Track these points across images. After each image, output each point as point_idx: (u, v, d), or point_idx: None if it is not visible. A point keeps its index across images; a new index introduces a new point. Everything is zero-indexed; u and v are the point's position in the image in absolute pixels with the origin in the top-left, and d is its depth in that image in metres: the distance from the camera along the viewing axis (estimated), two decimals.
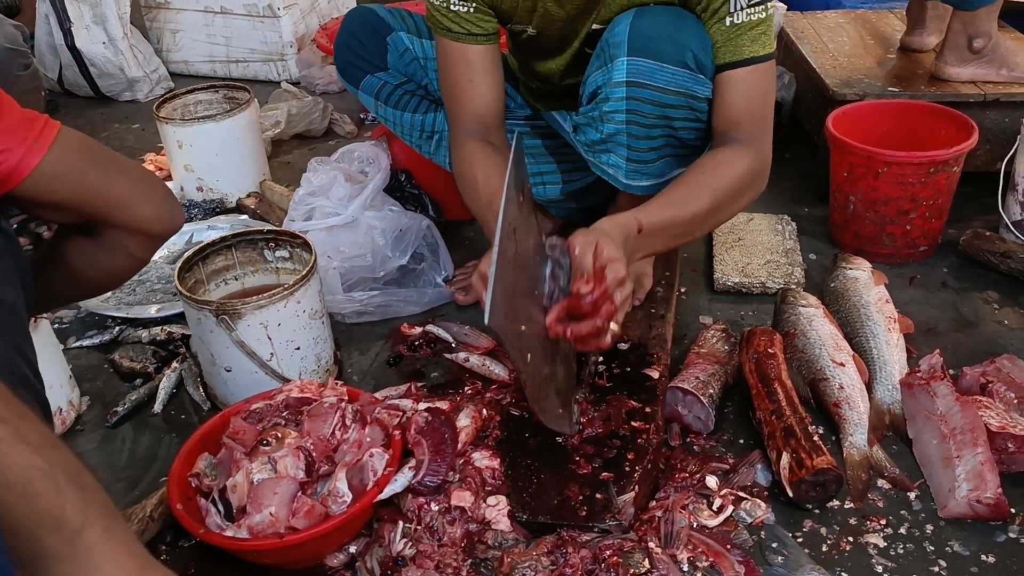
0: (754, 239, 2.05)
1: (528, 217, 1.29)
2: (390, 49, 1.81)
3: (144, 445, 1.64)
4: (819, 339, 1.62)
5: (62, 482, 0.78)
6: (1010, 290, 1.91)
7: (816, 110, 2.33)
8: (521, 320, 1.19)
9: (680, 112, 1.46)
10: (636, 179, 1.57)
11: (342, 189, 1.93)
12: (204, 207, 2.38)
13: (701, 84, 1.43)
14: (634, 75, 1.43)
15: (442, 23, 1.54)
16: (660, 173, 1.56)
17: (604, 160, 1.57)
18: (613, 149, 1.53)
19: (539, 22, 1.55)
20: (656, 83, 1.42)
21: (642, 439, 1.42)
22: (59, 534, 0.76)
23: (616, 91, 1.45)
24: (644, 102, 1.45)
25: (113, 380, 1.81)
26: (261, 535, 1.25)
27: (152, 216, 1.22)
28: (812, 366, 1.59)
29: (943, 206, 1.99)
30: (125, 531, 0.83)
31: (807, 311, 1.69)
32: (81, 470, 0.81)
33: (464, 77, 1.58)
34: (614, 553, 1.25)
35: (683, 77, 1.42)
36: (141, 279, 2.09)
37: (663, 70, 1.41)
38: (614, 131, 1.50)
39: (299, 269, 1.73)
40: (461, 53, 1.56)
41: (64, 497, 0.77)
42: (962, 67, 2.20)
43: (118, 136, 3.03)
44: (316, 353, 1.67)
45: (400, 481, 1.33)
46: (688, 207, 1.41)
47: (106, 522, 0.80)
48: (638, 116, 1.47)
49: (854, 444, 1.48)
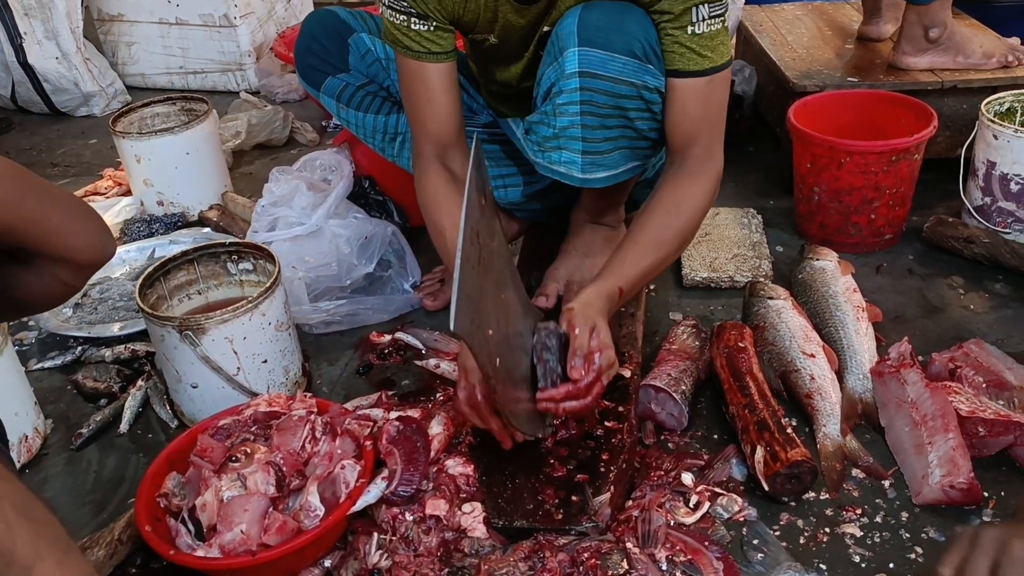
0: (721, 233, 2.06)
1: (491, 220, 1.27)
2: (351, 50, 1.79)
3: (111, 467, 1.60)
4: (789, 331, 1.63)
5: (11, 516, 0.75)
6: (974, 275, 1.93)
7: (777, 102, 2.34)
8: (489, 324, 1.18)
9: (633, 103, 1.45)
10: (592, 171, 1.55)
11: (305, 198, 1.91)
12: (165, 221, 2.34)
13: (651, 75, 1.43)
14: (586, 65, 1.42)
15: (401, 41, 1.52)
16: (615, 165, 1.55)
17: (555, 159, 1.55)
18: (565, 145, 1.52)
19: (500, 32, 1.54)
20: (608, 73, 1.42)
21: (616, 439, 1.42)
22: (10, 571, 0.74)
23: (569, 82, 1.44)
24: (597, 92, 1.44)
25: (77, 401, 1.77)
26: (233, 553, 1.23)
27: (85, 246, 1.19)
28: (783, 358, 1.60)
29: (906, 194, 2.00)
30: (79, 565, 0.80)
31: (776, 303, 1.69)
32: (32, 502, 0.79)
33: (423, 97, 1.57)
34: (592, 555, 1.24)
35: (633, 67, 1.42)
36: (103, 297, 2.05)
37: (614, 60, 1.41)
38: (567, 124, 1.49)
39: (263, 281, 1.70)
40: (419, 72, 1.55)
41: (14, 532, 0.75)
42: (919, 56, 2.22)
43: (74, 152, 2.98)
44: (284, 366, 1.64)
45: (373, 492, 1.31)
46: (660, 252, 1.48)
47: (58, 556, 0.78)
48: (592, 107, 1.46)
49: (827, 435, 1.48)
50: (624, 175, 1.57)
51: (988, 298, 1.86)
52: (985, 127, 1.96)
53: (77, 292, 1.33)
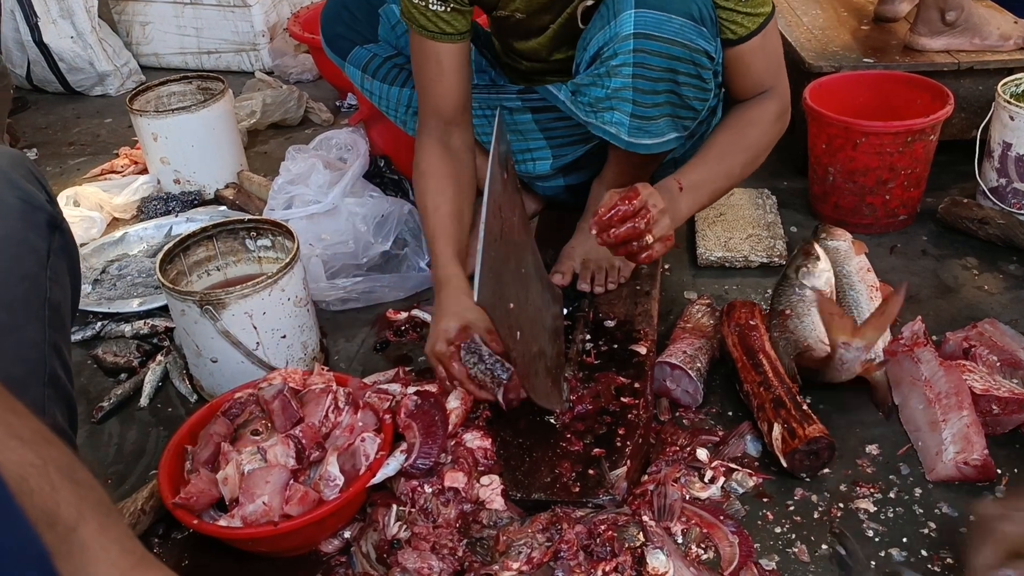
0: (735, 214, 2.06)
1: (513, 194, 1.28)
2: (382, 21, 1.79)
3: (131, 440, 1.62)
4: (813, 324, 1.57)
5: (56, 478, 0.76)
6: (989, 256, 1.93)
7: (793, 83, 2.31)
8: (510, 297, 1.19)
9: (684, 67, 1.46)
10: (639, 136, 1.56)
11: (321, 176, 1.92)
12: (182, 199, 2.36)
13: (704, 38, 1.45)
14: (642, 27, 1.43)
15: (418, 20, 1.53)
16: (661, 133, 1.56)
17: (606, 119, 1.56)
18: (617, 106, 1.53)
19: (525, 5, 1.55)
20: (663, 34, 1.43)
21: (632, 414, 1.43)
22: (53, 531, 0.75)
23: (623, 45, 1.44)
24: (651, 54, 1.45)
25: (97, 376, 1.79)
26: (255, 524, 1.25)
27: None
28: (799, 344, 1.55)
29: (921, 175, 2.00)
30: (120, 527, 0.81)
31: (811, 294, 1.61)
32: (76, 465, 0.80)
33: (433, 74, 1.59)
34: (609, 528, 1.25)
35: (689, 29, 1.43)
36: (121, 274, 2.07)
37: (670, 21, 1.42)
38: (620, 85, 1.49)
39: (281, 258, 1.72)
40: (433, 51, 1.56)
41: (58, 493, 0.76)
42: (935, 38, 2.21)
43: (90, 131, 2.99)
44: (302, 341, 1.66)
45: (392, 465, 1.33)
46: (723, 163, 1.52)
47: (100, 519, 0.79)
48: (645, 69, 1.47)
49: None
50: (666, 145, 1.59)
51: (1002, 279, 1.86)
52: (1001, 108, 1.95)
53: None
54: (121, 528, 0.81)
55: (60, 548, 0.75)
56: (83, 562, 0.77)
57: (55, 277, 1.13)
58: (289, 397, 1.39)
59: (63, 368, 1.14)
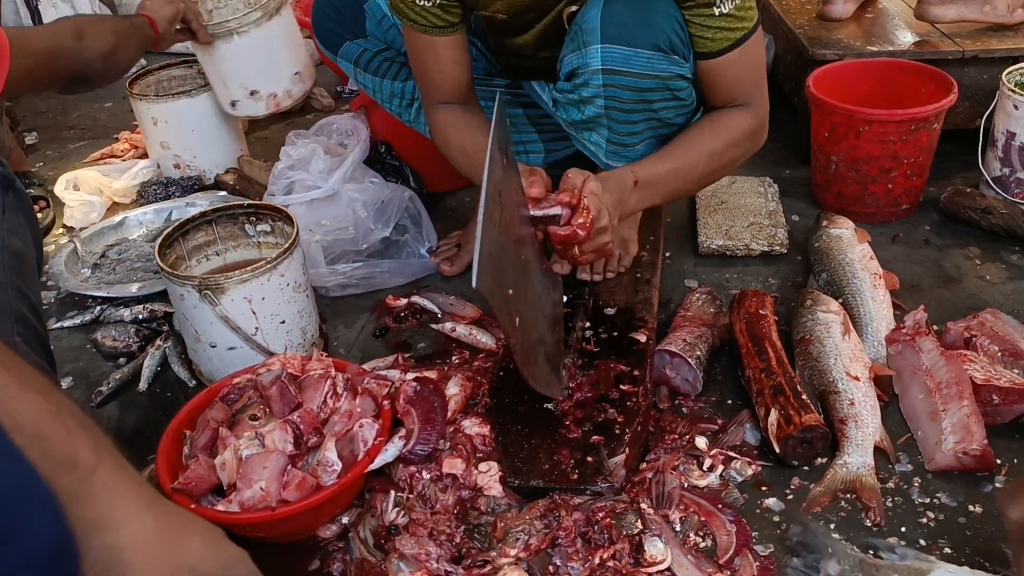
0: (737, 202, 2.05)
1: (513, 179, 1.28)
2: (368, 16, 1.78)
3: (130, 424, 1.62)
4: (835, 348, 1.51)
5: (70, 424, 0.77)
6: (991, 245, 1.92)
7: (796, 71, 2.32)
8: (509, 284, 1.18)
9: (658, 95, 1.45)
10: (616, 160, 1.56)
11: (322, 162, 1.91)
12: (182, 184, 2.35)
13: (677, 65, 1.43)
14: (609, 63, 1.41)
15: (408, 15, 1.52)
16: (640, 153, 1.56)
17: (587, 137, 1.56)
18: (595, 129, 1.53)
19: (506, 7, 1.53)
20: (632, 69, 1.41)
21: (631, 402, 1.42)
22: (75, 474, 0.76)
23: (594, 79, 1.44)
24: (622, 88, 1.44)
25: (96, 360, 1.79)
26: (253, 510, 1.25)
27: None
28: (824, 377, 1.48)
29: (924, 164, 1.99)
30: (131, 468, 0.83)
31: (826, 316, 1.57)
32: (83, 412, 0.81)
33: (434, 66, 1.58)
34: (607, 515, 1.25)
35: (658, 60, 1.41)
36: (120, 258, 2.07)
37: (637, 56, 1.40)
38: (594, 115, 1.49)
39: (281, 243, 1.71)
40: (429, 44, 1.55)
41: (75, 438, 0.77)
42: (945, 7, 2.19)
43: (90, 115, 2.98)
44: (301, 327, 1.66)
45: (391, 451, 1.33)
46: (684, 163, 1.48)
47: (115, 459, 0.81)
48: (617, 102, 1.46)
49: (846, 463, 1.37)
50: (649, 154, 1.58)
51: (1004, 269, 1.85)
52: (1006, 97, 1.94)
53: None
54: (131, 468, 0.83)
55: (82, 490, 0.76)
56: (107, 501, 0.78)
57: (13, 229, 1.17)
58: (287, 383, 1.39)
59: (32, 313, 1.17)
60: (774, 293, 1.79)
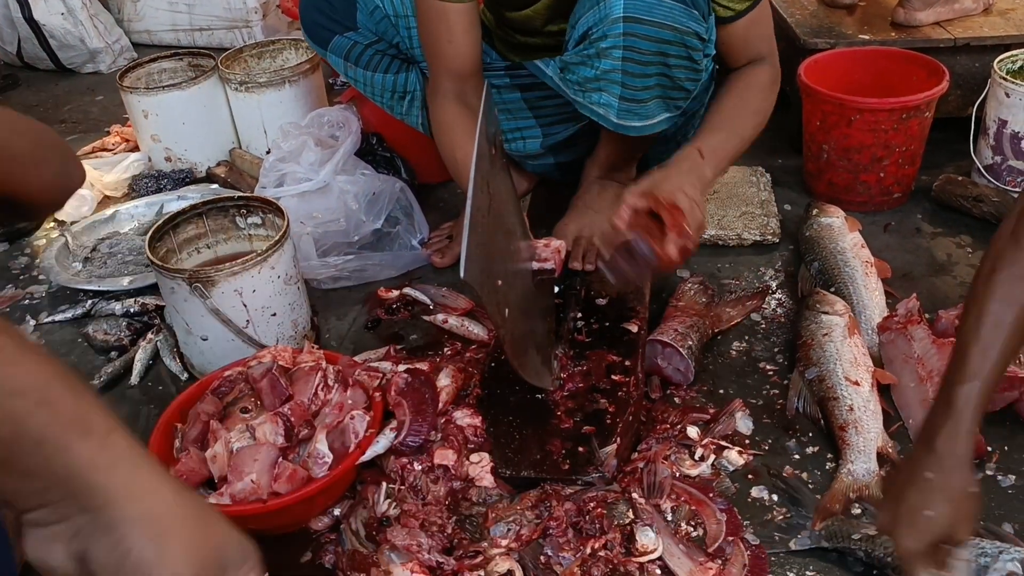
0: (729, 191, 2.05)
1: (501, 170, 1.27)
2: (359, 7, 1.76)
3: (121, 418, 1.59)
4: (836, 353, 1.49)
5: (79, 388, 0.70)
6: (983, 234, 1.92)
7: (787, 60, 2.29)
8: (498, 275, 1.18)
9: (675, 49, 1.46)
10: (628, 119, 1.55)
11: (312, 154, 1.91)
12: (173, 177, 2.34)
13: (695, 20, 1.44)
14: (631, 10, 1.42)
15: None
16: (651, 115, 1.55)
17: (595, 100, 1.55)
18: (606, 87, 1.52)
19: None
20: (653, 17, 1.42)
21: (622, 392, 1.43)
22: (91, 438, 0.68)
23: (613, 27, 1.43)
24: (641, 38, 1.44)
25: (88, 354, 1.79)
26: (244, 502, 1.25)
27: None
28: (823, 383, 1.45)
29: (916, 152, 1.99)
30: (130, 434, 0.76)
31: (830, 319, 1.55)
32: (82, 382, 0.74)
33: (444, 36, 1.58)
34: (598, 505, 1.25)
35: (679, 12, 1.43)
36: (112, 252, 2.06)
37: (660, 4, 1.42)
38: (609, 67, 1.48)
39: (272, 235, 1.71)
40: (440, 12, 1.55)
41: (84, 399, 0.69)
42: (924, 12, 2.20)
43: (81, 109, 2.97)
44: (293, 319, 1.65)
45: (382, 442, 1.33)
46: (735, 126, 1.53)
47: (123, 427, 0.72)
48: (635, 53, 1.46)
49: (851, 472, 1.34)
50: (657, 126, 1.58)
51: None
52: (997, 85, 1.94)
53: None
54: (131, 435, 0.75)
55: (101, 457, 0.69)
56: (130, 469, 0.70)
57: None
58: (278, 375, 1.39)
59: None
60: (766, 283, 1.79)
